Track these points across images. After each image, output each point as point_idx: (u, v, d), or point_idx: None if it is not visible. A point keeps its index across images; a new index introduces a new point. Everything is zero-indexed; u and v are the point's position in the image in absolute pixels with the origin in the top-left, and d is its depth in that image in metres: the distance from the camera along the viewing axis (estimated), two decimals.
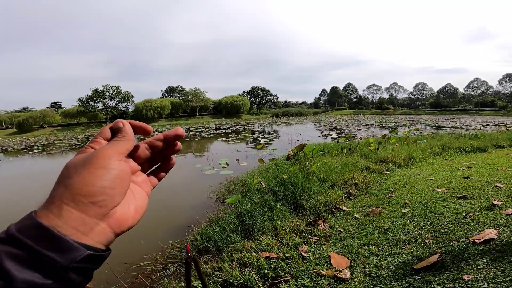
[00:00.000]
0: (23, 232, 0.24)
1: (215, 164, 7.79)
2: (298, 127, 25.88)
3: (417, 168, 4.60)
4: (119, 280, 2.42)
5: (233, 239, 2.67)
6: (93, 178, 0.28)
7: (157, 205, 4.81)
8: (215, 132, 23.41)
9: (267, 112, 74.72)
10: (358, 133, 16.96)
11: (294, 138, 14.22)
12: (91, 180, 0.28)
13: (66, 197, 0.27)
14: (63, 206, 0.26)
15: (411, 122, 28.57)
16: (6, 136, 40.69)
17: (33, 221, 0.25)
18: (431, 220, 2.21)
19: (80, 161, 0.30)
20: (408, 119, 35.65)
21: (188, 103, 60.58)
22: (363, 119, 38.13)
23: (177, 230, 3.56)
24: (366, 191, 3.53)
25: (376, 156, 5.47)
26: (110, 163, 0.30)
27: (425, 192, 2.98)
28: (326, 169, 4.28)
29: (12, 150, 18.54)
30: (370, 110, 73.18)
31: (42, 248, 0.24)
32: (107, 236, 0.29)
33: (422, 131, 15.12)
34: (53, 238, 0.25)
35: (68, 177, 0.28)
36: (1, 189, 7.38)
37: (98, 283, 2.46)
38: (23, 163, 13.06)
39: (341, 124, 26.89)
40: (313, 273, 1.76)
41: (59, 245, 0.25)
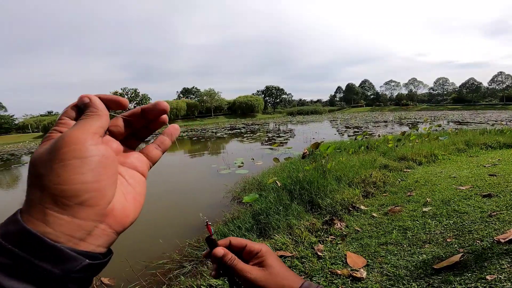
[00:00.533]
0: (9, 239, 0.21)
1: (230, 164, 7.87)
2: (314, 125, 25.59)
3: (440, 165, 4.43)
4: (138, 278, 2.48)
5: (248, 238, 2.69)
6: (70, 174, 0.23)
7: (174, 204, 4.93)
8: (230, 132, 23.59)
9: (282, 111, 74.42)
10: (376, 130, 16.54)
11: (310, 137, 14.08)
12: (67, 177, 0.22)
13: (46, 201, 0.22)
14: (47, 211, 0.22)
15: (433, 118, 27.48)
16: (32, 140, 42.99)
17: (20, 226, 0.21)
18: (454, 219, 2.14)
19: (48, 153, 0.24)
20: (429, 115, 34.29)
21: (203, 104, 61.46)
22: (381, 116, 37.07)
23: (193, 228, 3.62)
24: (385, 189, 3.45)
25: (395, 153, 5.32)
26: (85, 149, 0.24)
27: (448, 190, 2.88)
28: (342, 168, 4.22)
29: None
30: (388, 107, 71.18)
31: (33, 257, 0.20)
32: (108, 238, 0.25)
33: (444, 127, 14.50)
34: (45, 246, 0.21)
35: (39, 175, 0.23)
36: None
37: (118, 281, 2.55)
38: None
39: (358, 122, 26.30)
40: (328, 272, 1.75)
41: (53, 254, 0.21)
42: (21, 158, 16.48)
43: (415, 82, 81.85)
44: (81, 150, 0.23)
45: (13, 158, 16.64)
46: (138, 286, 2.42)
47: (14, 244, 0.20)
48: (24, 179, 9.39)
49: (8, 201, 6.92)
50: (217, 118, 60.37)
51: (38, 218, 0.22)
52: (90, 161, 0.24)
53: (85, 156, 0.23)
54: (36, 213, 0.22)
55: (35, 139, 43.60)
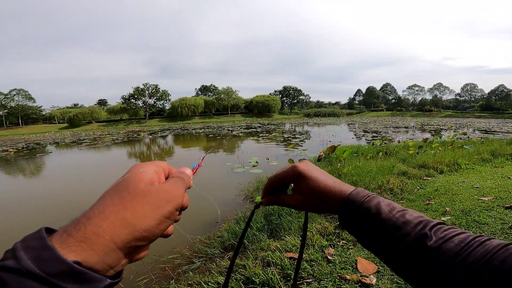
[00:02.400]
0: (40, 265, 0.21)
1: (245, 163, 7.90)
2: (331, 128, 25.19)
3: (462, 175, 4.24)
4: (148, 271, 2.51)
5: (259, 238, 2.69)
6: (158, 227, 0.27)
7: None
8: (246, 131, 23.69)
9: (299, 112, 73.84)
10: (395, 136, 16.05)
11: (326, 139, 13.87)
12: (155, 229, 0.26)
13: (121, 238, 0.24)
14: (112, 246, 0.24)
15: (458, 126, 26.29)
16: (58, 130, 45.19)
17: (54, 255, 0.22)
18: (473, 229, 2.08)
19: (153, 196, 0.27)
20: (454, 122, 32.83)
21: (221, 102, 62.09)
22: (401, 121, 35.90)
23: (205, 225, 3.65)
24: (402, 196, 3.35)
25: (415, 160, 5.14)
26: (174, 216, 0.29)
27: (469, 200, 2.77)
28: (358, 172, 4.13)
29: (63, 143, 20.46)
30: (410, 112, 68.86)
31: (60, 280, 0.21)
32: (122, 266, 0.26)
33: (469, 135, 13.84)
34: (76, 272, 0.22)
35: (133, 210, 0.26)
36: (47, 179, 8.24)
37: (128, 273, 2.59)
38: (71, 155, 14.41)
39: (377, 126, 25.61)
40: (337, 276, 1.72)
41: (80, 277, 0.22)
42: (45, 148, 17.32)
43: (441, 87, 78.47)
44: (174, 217, 0.29)
45: (38, 147, 17.49)
46: (147, 279, 2.45)
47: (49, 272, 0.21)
48: (47, 169, 9.90)
49: (29, 191, 7.27)
50: (234, 117, 60.81)
51: (95, 249, 0.23)
52: (169, 224, 0.28)
53: (171, 220, 0.28)
54: (97, 245, 0.23)
55: (60, 130, 45.81)
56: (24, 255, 0.21)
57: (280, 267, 1.94)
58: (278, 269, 1.92)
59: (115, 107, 59.08)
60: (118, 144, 18.14)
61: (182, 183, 0.31)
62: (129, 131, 33.10)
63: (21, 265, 0.21)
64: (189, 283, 2.06)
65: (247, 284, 1.84)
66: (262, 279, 1.82)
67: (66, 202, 5.25)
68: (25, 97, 52.81)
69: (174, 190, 0.29)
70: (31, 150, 16.07)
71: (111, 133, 30.41)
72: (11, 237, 3.61)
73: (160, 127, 42.08)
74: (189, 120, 55.36)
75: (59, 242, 0.23)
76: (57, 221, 4.68)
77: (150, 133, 27.07)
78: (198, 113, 58.87)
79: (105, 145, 17.61)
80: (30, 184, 7.62)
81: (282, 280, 1.80)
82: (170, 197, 0.28)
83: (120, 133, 30.70)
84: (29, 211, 4.91)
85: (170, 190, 0.29)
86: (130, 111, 56.77)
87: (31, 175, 8.74)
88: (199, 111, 58.63)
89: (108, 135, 26.91)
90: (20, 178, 8.46)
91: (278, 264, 1.97)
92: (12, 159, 12.19)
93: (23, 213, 4.82)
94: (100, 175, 8.01)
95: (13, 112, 51.29)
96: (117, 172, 8.24)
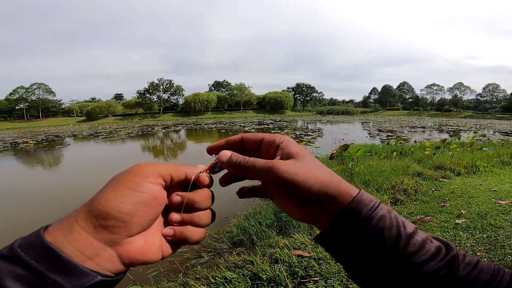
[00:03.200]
0: (27, 251, 0.22)
1: None
2: (344, 126, 24.81)
3: (480, 177, 4.09)
4: (156, 264, 2.51)
5: (267, 234, 2.70)
6: (113, 199, 0.25)
7: None
8: (258, 127, 23.70)
9: (311, 109, 73.07)
10: (411, 135, 15.63)
11: (339, 137, 13.68)
12: (109, 201, 0.25)
13: (80, 215, 0.24)
14: (74, 225, 0.24)
15: (477, 127, 25.30)
16: (76, 123, 46.80)
17: (40, 239, 0.23)
18: (488, 233, 2.02)
19: (117, 175, 0.27)
20: (474, 123, 31.60)
21: (233, 98, 62.29)
22: (418, 121, 34.89)
23: (215, 220, 3.69)
24: (416, 198, 3.27)
25: (431, 161, 5.00)
26: (140, 184, 0.26)
27: (485, 203, 2.70)
28: (371, 172, 4.05)
29: (80, 136, 21.17)
30: (428, 112, 66.77)
31: (45, 269, 0.21)
32: (114, 265, 0.25)
33: (489, 137, 13.30)
34: (57, 259, 0.22)
35: (97, 193, 0.26)
36: (64, 171, 8.54)
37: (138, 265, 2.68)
38: (88, 148, 14.88)
39: (392, 125, 25.02)
40: (345, 276, 1.71)
41: (64, 268, 0.22)
42: (64, 140, 18.00)
43: (461, 87, 75.30)
44: (137, 183, 0.26)
45: (57, 140, 18.19)
46: (156, 272, 2.49)
47: (31, 255, 0.22)
48: (65, 160, 10.26)
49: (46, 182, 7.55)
50: (246, 113, 60.91)
51: (62, 228, 0.24)
52: (138, 195, 0.25)
53: (136, 190, 0.25)
54: (65, 224, 0.24)
55: (78, 123, 47.35)
56: (18, 244, 0.22)
57: (288, 264, 1.94)
58: (285, 266, 1.92)
59: (130, 102, 60.44)
60: (132, 137, 18.57)
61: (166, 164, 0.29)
62: (143, 125, 33.80)
63: (12, 252, 0.22)
64: (197, 277, 2.07)
65: (254, 280, 1.84)
66: (269, 276, 1.82)
67: (81, 193, 5.44)
68: (46, 91, 54.67)
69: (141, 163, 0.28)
70: (50, 142, 16.73)
71: (126, 127, 31.14)
72: (29, 227, 3.79)
73: (174, 121, 42.74)
74: (202, 115, 55.93)
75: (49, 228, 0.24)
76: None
77: (164, 127, 27.55)
78: (210, 108, 59.32)
79: (120, 138, 18.08)
80: (47, 175, 7.93)
81: (289, 278, 1.80)
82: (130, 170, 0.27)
83: (135, 126, 31.41)
84: (45, 201, 5.12)
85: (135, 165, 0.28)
86: (145, 106, 57.87)
87: (49, 167, 9.10)
88: (211, 107, 59.06)
89: (124, 129, 27.58)
90: (39, 169, 8.81)
91: (285, 261, 1.97)
92: (31, 151, 12.72)
93: (39, 204, 5.04)
94: (114, 168, 8.25)
95: (34, 105, 53.20)
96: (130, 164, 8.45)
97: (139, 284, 2.18)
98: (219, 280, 1.87)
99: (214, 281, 1.88)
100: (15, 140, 18.65)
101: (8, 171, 8.54)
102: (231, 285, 1.78)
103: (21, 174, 8.01)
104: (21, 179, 7.24)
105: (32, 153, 11.97)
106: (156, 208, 0.27)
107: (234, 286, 1.77)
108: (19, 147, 14.22)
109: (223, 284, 1.82)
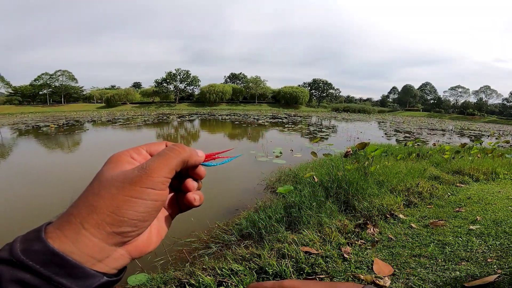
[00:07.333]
0: (30, 256, 0.22)
1: (269, 152, 7.91)
2: (360, 124, 24.29)
3: (499, 185, 3.92)
4: (165, 252, 2.58)
5: (276, 229, 2.70)
6: (126, 208, 0.25)
7: (209, 185, 5.15)
8: (272, 120, 23.59)
9: (327, 106, 71.81)
10: (430, 138, 15.11)
11: (354, 136, 13.43)
12: (124, 210, 0.24)
13: (88, 221, 0.24)
14: (82, 232, 0.23)
15: (501, 133, 24.10)
16: (96, 109, 48.24)
17: (44, 245, 0.22)
18: (501, 240, 1.96)
19: (119, 179, 0.26)
20: (498, 129, 30.13)
21: (248, 90, 62.09)
22: (439, 124, 33.61)
23: (224, 211, 3.71)
24: (430, 201, 3.18)
25: (450, 166, 4.83)
26: (153, 194, 0.26)
27: (502, 211, 2.61)
28: (386, 172, 3.96)
29: (99, 121, 21.85)
30: (450, 114, 64.06)
31: (52, 274, 0.22)
32: (123, 261, 0.26)
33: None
34: (66, 264, 0.22)
35: (98, 195, 0.25)
36: (81, 154, 8.84)
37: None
38: (105, 133, 15.34)
39: (410, 126, 24.24)
40: (351, 275, 1.69)
41: (72, 272, 0.22)
42: (83, 125, 18.61)
43: (488, 90, 71.36)
44: (149, 195, 0.26)
45: (77, 124, 18.87)
46: (163, 260, 2.52)
47: (37, 261, 0.22)
48: (84, 145, 10.63)
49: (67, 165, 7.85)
50: (260, 106, 60.66)
51: (67, 235, 0.23)
52: (151, 205, 0.26)
53: (150, 200, 0.26)
54: (69, 230, 0.23)
55: (98, 109, 48.75)
56: (17, 246, 0.22)
57: (295, 260, 1.93)
58: (292, 262, 1.91)
59: (148, 90, 61.47)
60: (148, 125, 18.96)
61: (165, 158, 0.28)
62: (159, 113, 34.38)
63: (13, 256, 0.22)
64: (204, 267, 2.08)
65: (260, 273, 1.85)
66: (275, 270, 1.82)
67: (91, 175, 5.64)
68: (69, 78, 56.36)
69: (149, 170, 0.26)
70: (70, 126, 17.36)
71: (143, 114, 31.80)
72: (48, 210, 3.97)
73: (189, 111, 43.21)
74: (217, 106, 56.20)
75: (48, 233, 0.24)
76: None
77: (179, 117, 27.93)
78: (225, 99, 59.45)
79: (137, 125, 18.50)
80: (65, 158, 8.26)
81: (295, 273, 1.80)
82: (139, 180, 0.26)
83: (151, 114, 32.01)
84: (57, 182, 5.34)
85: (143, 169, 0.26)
86: (161, 95, 58.70)
87: (68, 150, 9.45)
88: (226, 98, 59.18)
89: (140, 116, 28.18)
90: (58, 152, 9.18)
91: (293, 257, 1.97)
92: (52, 134, 13.25)
93: (52, 183, 5.26)
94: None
95: (57, 91, 55.04)
96: None
97: (147, 272, 2.23)
98: (226, 272, 1.89)
99: (220, 273, 1.90)
100: (37, 123, 19.48)
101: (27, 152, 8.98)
102: (237, 277, 1.79)
103: (41, 156, 8.39)
104: (39, 161, 7.59)
105: (53, 137, 12.48)
106: (160, 208, 0.28)
107: (240, 278, 1.79)
108: (41, 131, 14.84)
109: (229, 276, 1.84)
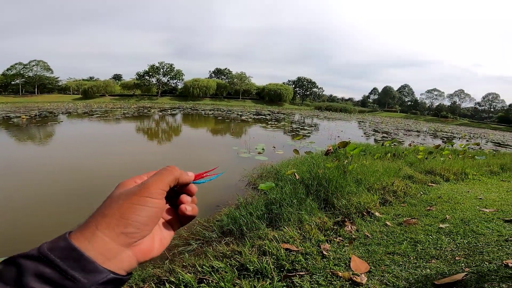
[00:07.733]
0: (54, 252, 0.26)
1: (251, 149, 7.92)
2: (341, 123, 24.89)
3: (468, 185, 4.18)
4: None
5: (257, 226, 2.71)
6: (131, 212, 0.31)
7: None
8: (255, 117, 23.60)
9: (310, 104, 72.91)
10: (406, 139, 15.76)
11: (335, 134, 13.75)
12: (128, 214, 0.31)
13: (101, 223, 0.30)
14: (96, 232, 0.29)
15: (471, 135, 25.61)
16: (72, 101, 45.95)
17: (66, 242, 0.27)
18: (469, 239, 2.08)
19: (125, 193, 0.32)
20: (468, 132, 31.98)
21: (233, 86, 61.72)
22: (414, 125, 35.12)
23: (205, 208, 3.65)
24: (404, 200, 3.34)
25: (423, 165, 5.08)
26: (150, 202, 0.32)
27: (470, 210, 2.77)
28: (364, 171, 4.11)
29: (75, 113, 20.82)
30: (425, 116, 67.15)
31: (68, 267, 0.26)
32: (130, 263, 0.31)
33: (482, 146, 13.50)
34: (81, 259, 0.27)
35: (109, 206, 0.31)
36: (53, 147, 8.45)
37: None
38: (81, 125, 14.67)
39: (388, 127, 25.15)
40: (330, 272, 1.74)
41: (85, 266, 0.27)
42: (57, 117, 17.64)
43: (462, 94, 75.26)
44: (148, 202, 0.32)
45: (51, 116, 17.79)
46: None
47: (58, 256, 0.26)
48: (56, 137, 10.12)
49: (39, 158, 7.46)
50: (244, 102, 60.50)
51: (85, 235, 0.29)
52: (150, 210, 0.32)
53: (148, 206, 0.32)
54: (86, 231, 0.29)
55: (74, 101, 46.50)
56: (45, 245, 0.27)
57: (276, 257, 1.95)
58: (273, 259, 1.93)
59: (129, 83, 59.39)
60: (128, 118, 18.35)
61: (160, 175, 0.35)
62: (140, 107, 33.35)
63: (40, 252, 0.26)
64: (184, 264, 2.06)
65: (241, 270, 1.85)
66: (256, 267, 1.84)
67: (72, 171, 5.41)
68: (44, 68, 53.12)
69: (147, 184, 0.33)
70: (43, 118, 16.35)
71: (123, 107, 30.72)
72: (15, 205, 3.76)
73: (171, 105, 42.26)
74: (200, 101, 55.40)
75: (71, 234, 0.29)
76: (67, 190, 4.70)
77: (160, 110, 27.25)
78: (209, 94, 58.73)
79: (116, 118, 17.86)
80: (36, 150, 7.85)
81: (276, 270, 1.82)
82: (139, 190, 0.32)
83: (131, 107, 30.97)
84: (27, 174, 5.08)
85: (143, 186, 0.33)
86: (143, 87, 56.97)
87: (39, 143, 8.96)
88: (210, 93, 58.46)
89: (120, 109, 27.21)
90: (29, 144, 8.68)
91: (273, 254, 1.99)
92: (23, 126, 12.47)
93: (22, 176, 5.00)
94: (105, 148, 8.18)
95: (30, 81, 51.75)
96: (122, 144, 8.40)
97: None
98: (206, 269, 1.88)
99: (201, 270, 1.89)
100: (7, 114, 18.27)
101: None
102: (218, 275, 1.79)
103: (10, 148, 7.91)
104: (9, 153, 7.16)
105: (24, 128, 11.76)
106: (159, 216, 0.34)
107: (221, 275, 1.78)
108: (11, 122, 13.96)
109: (210, 273, 1.83)
